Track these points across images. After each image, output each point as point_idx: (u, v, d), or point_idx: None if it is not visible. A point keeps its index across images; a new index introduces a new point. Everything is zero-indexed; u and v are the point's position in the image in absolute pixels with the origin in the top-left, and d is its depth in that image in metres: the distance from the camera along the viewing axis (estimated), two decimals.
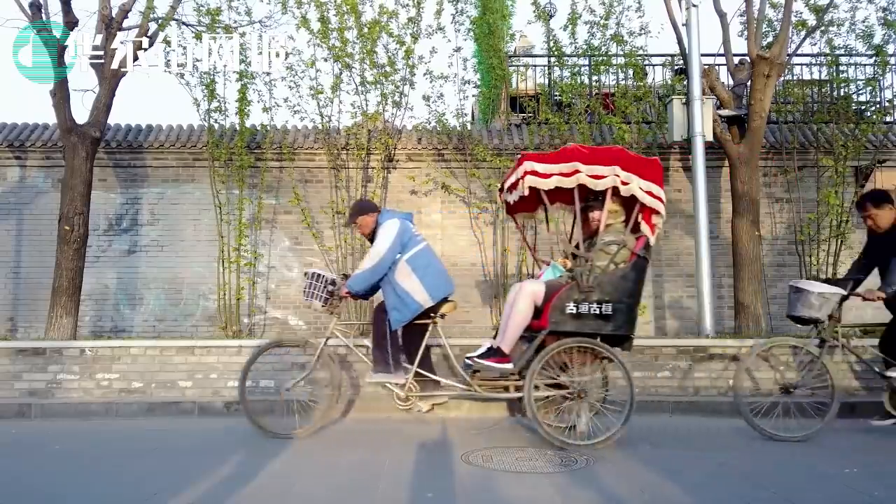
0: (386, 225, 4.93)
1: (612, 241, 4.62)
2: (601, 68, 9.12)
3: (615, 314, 4.52)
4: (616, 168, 4.52)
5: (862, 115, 8.98)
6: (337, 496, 3.58)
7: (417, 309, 4.84)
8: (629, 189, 4.52)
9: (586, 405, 4.68)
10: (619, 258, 4.59)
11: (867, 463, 4.23)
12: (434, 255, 5.12)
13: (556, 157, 4.67)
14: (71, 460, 4.42)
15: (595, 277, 4.51)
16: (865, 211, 5.16)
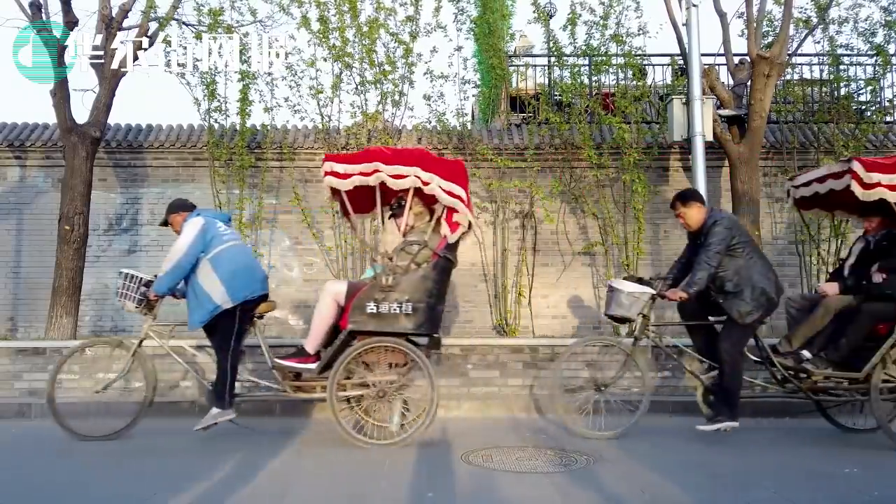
0: (188, 223, 4.87)
1: (413, 241, 4.70)
2: (601, 68, 9.12)
3: (415, 313, 4.57)
4: (416, 169, 4.60)
5: (862, 115, 8.98)
6: (337, 496, 3.58)
7: (215, 310, 4.67)
8: (429, 189, 4.61)
9: (398, 405, 4.71)
10: (421, 258, 4.66)
11: (867, 463, 4.24)
12: (244, 255, 4.98)
13: (357, 158, 4.76)
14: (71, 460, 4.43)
15: (396, 277, 4.56)
16: (675, 210, 5.15)
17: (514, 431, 5.21)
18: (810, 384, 4.80)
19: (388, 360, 4.72)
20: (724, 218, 4.85)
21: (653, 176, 8.96)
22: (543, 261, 8.95)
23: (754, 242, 5.05)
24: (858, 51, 9.17)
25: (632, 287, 4.95)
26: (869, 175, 4.55)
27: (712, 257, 4.68)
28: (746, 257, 4.77)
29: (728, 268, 4.76)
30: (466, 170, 4.99)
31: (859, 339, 4.71)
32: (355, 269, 8.48)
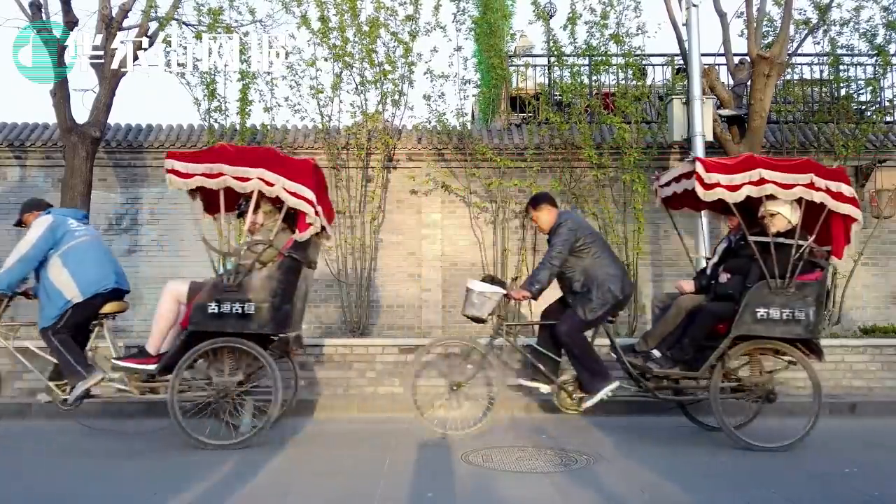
0: (37, 221, 4.85)
1: (258, 240, 4.66)
2: (601, 68, 9.12)
3: (258, 313, 4.51)
4: (261, 170, 4.54)
5: (862, 115, 8.98)
6: (337, 496, 3.58)
7: (65, 305, 4.60)
8: (273, 191, 4.56)
9: (249, 406, 4.69)
10: (266, 257, 4.61)
11: (867, 463, 4.24)
12: (96, 250, 4.89)
13: (200, 157, 4.67)
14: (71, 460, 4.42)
15: (238, 277, 4.52)
16: (528, 214, 5.20)
17: (513, 431, 5.21)
18: (657, 383, 4.80)
19: (233, 361, 4.65)
20: (569, 219, 4.89)
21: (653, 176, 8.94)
22: None
23: (603, 242, 5.08)
24: (858, 51, 9.17)
25: (482, 287, 4.94)
26: (709, 175, 4.56)
27: (554, 258, 4.76)
28: (593, 257, 4.82)
29: (575, 268, 4.84)
30: (317, 169, 4.89)
31: (700, 338, 4.72)
32: (355, 269, 8.49)
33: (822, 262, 4.68)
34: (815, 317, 4.55)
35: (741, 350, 4.65)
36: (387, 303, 9.13)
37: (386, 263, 9.06)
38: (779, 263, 4.50)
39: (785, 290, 4.50)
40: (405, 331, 8.88)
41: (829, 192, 4.50)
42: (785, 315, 4.49)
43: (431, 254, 9.22)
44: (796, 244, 4.51)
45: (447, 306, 8.98)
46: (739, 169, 4.56)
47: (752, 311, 4.50)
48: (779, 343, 4.63)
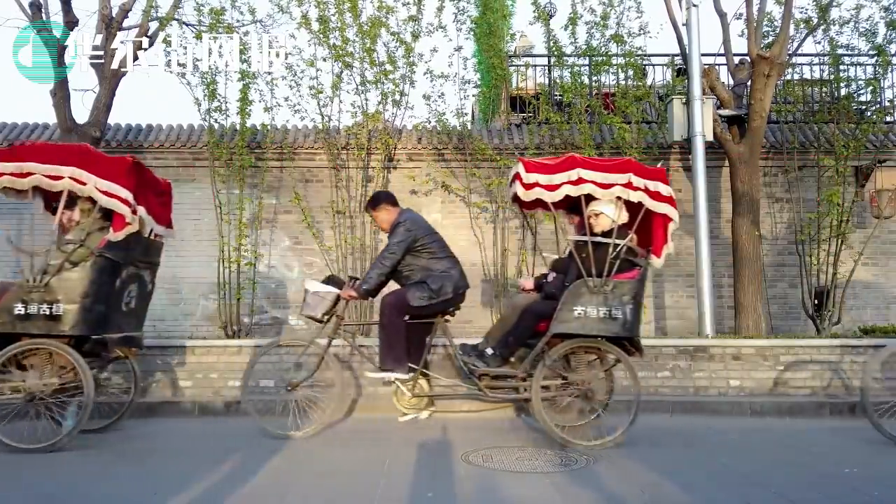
0: None
1: (69, 240, 4.59)
2: (601, 68, 9.12)
3: (67, 314, 4.45)
4: (73, 169, 4.49)
5: (863, 115, 8.98)
6: (337, 496, 3.58)
7: None
8: (85, 190, 4.50)
9: (72, 408, 4.62)
10: (77, 257, 4.54)
11: (867, 463, 4.24)
12: None
13: (6, 155, 4.59)
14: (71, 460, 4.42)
15: (46, 277, 4.45)
16: (369, 214, 5.24)
17: (514, 431, 5.21)
18: (487, 381, 4.78)
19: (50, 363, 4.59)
20: (407, 220, 4.91)
21: None
22: None
23: (441, 242, 5.08)
24: (859, 51, 9.17)
25: (317, 287, 4.98)
26: (528, 175, 4.61)
27: (387, 257, 4.81)
28: (431, 256, 4.86)
29: (413, 267, 4.88)
30: (139, 168, 4.84)
31: (524, 336, 4.74)
32: (355, 269, 8.48)
33: (640, 262, 4.67)
34: (633, 315, 4.56)
35: (563, 348, 4.62)
36: None
37: None
38: (597, 262, 4.53)
39: (602, 288, 4.52)
40: None
41: (647, 192, 4.54)
42: (602, 313, 4.50)
43: None
44: (613, 243, 4.54)
45: None
46: (559, 169, 4.61)
47: (570, 310, 4.51)
48: (598, 341, 4.62)
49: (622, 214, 4.68)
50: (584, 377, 4.70)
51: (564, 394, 4.69)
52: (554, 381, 4.67)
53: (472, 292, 9.08)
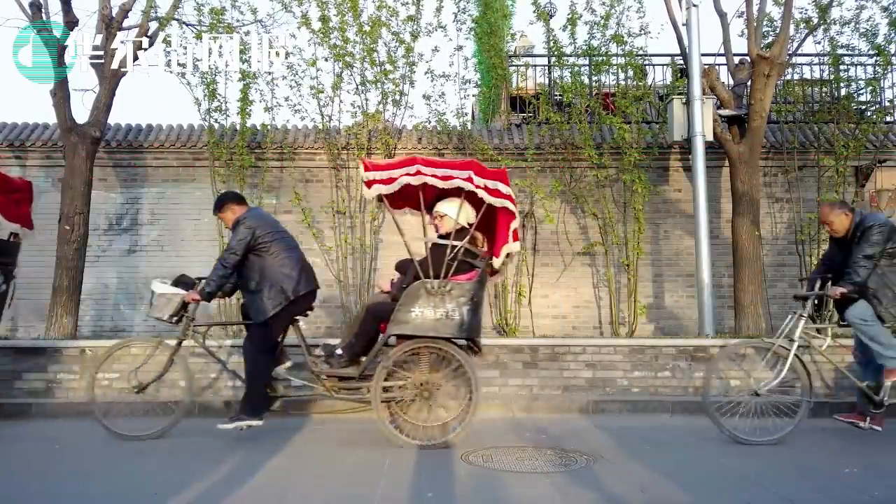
0: None
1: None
2: (601, 68, 9.12)
3: None
4: None
5: (863, 115, 8.98)
6: (337, 496, 3.58)
7: None
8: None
9: None
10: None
11: (867, 463, 4.24)
12: None
13: None
14: (71, 460, 4.42)
15: None
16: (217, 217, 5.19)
17: (514, 431, 5.21)
18: (332, 382, 4.76)
19: None
20: (248, 217, 4.82)
21: (653, 176, 8.96)
22: (543, 261, 8.96)
23: (287, 241, 4.96)
24: (859, 51, 9.17)
25: (163, 289, 4.93)
26: (366, 173, 4.78)
27: (227, 258, 4.71)
28: (271, 255, 4.75)
29: (253, 266, 4.76)
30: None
31: (364, 337, 4.73)
32: (355, 269, 8.48)
33: (477, 263, 4.67)
34: (471, 316, 4.56)
35: (403, 349, 4.61)
36: None
37: (386, 263, 9.05)
38: (434, 264, 4.55)
39: (440, 290, 4.53)
40: None
41: (486, 189, 4.55)
42: (439, 314, 4.51)
43: None
44: (451, 245, 4.56)
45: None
46: (398, 166, 4.70)
47: (407, 311, 4.52)
48: (438, 342, 4.60)
49: (468, 216, 4.71)
50: (428, 378, 4.65)
51: (407, 394, 4.65)
52: (396, 382, 4.65)
53: None
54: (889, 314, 4.77)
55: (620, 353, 6.44)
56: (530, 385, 6.38)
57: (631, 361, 6.40)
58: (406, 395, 4.65)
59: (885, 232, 4.74)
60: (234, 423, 4.66)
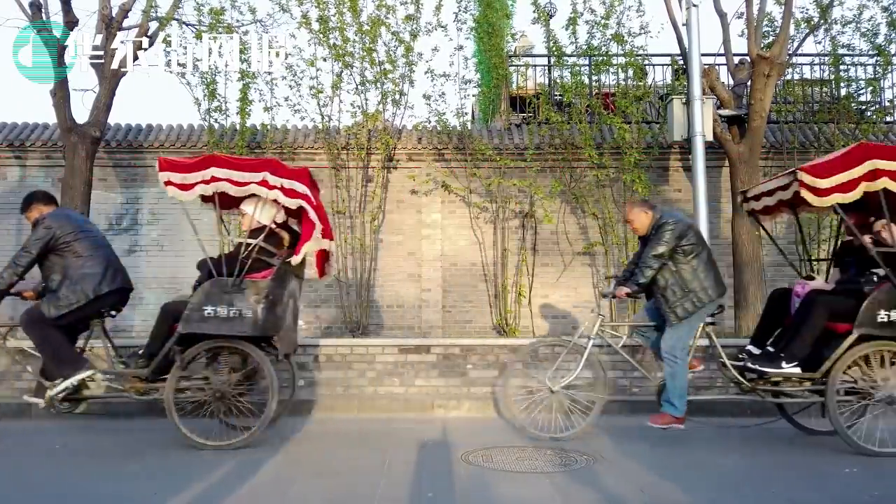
0: None
1: None
2: (601, 68, 9.12)
3: None
4: None
5: (863, 115, 8.97)
6: (337, 496, 3.58)
7: None
8: None
9: None
10: None
11: (867, 463, 4.23)
12: None
13: None
14: (71, 460, 4.42)
15: None
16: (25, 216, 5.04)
17: (514, 431, 5.20)
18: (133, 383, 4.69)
19: None
20: (48, 217, 4.72)
21: (653, 176, 8.96)
22: (543, 261, 8.96)
23: (92, 238, 4.79)
24: (859, 51, 9.17)
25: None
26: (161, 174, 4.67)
27: (22, 256, 4.58)
28: (74, 255, 4.63)
29: (54, 266, 4.65)
30: None
31: (160, 337, 4.68)
32: (355, 269, 8.48)
33: (273, 262, 4.66)
34: (266, 314, 4.53)
35: (198, 349, 4.57)
36: (387, 303, 9.13)
37: (386, 263, 9.07)
38: (228, 262, 4.57)
39: (234, 288, 4.52)
40: (405, 331, 8.87)
41: (282, 190, 4.55)
42: (232, 313, 4.50)
43: (431, 254, 9.22)
44: (245, 243, 4.58)
45: (447, 306, 8.98)
46: (195, 168, 4.62)
47: (199, 310, 4.50)
48: (236, 341, 4.58)
49: (271, 214, 4.71)
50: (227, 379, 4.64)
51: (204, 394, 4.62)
52: (193, 383, 4.62)
53: (472, 293, 9.14)
54: (674, 314, 4.68)
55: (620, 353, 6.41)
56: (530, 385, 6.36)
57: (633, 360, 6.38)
58: (203, 395, 4.61)
59: (676, 230, 4.70)
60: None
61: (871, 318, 4.43)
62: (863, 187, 4.42)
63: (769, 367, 4.65)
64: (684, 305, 4.66)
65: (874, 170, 4.39)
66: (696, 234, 4.86)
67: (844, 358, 4.52)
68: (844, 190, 4.43)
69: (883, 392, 4.55)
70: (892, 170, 4.40)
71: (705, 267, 4.74)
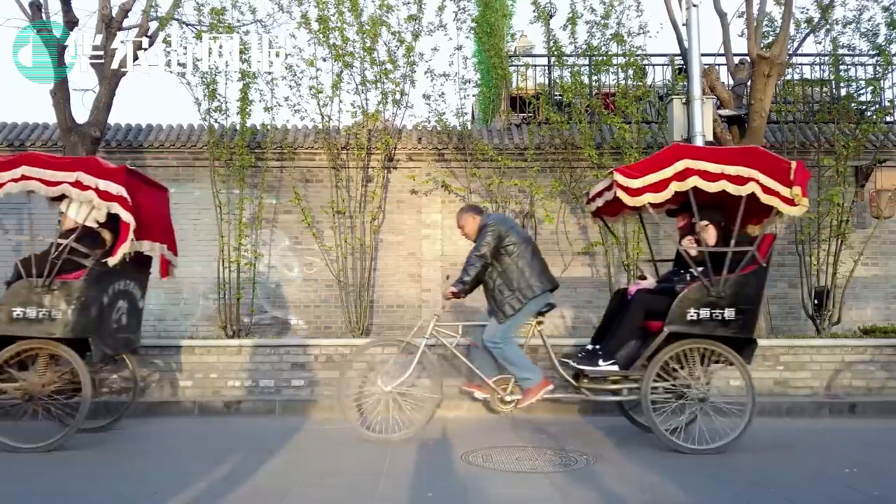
0: None
1: None
2: (601, 68, 9.12)
3: None
4: None
5: (863, 115, 8.97)
6: (337, 496, 3.58)
7: None
8: None
9: None
10: None
11: (867, 463, 4.24)
12: None
13: None
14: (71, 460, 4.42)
15: None
16: None
17: (514, 431, 5.21)
18: None
19: None
20: None
21: None
22: None
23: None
24: (859, 51, 9.16)
25: None
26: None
27: None
28: None
29: None
30: None
31: None
32: (355, 269, 8.48)
33: (87, 262, 4.64)
34: (76, 315, 4.51)
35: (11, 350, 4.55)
36: (387, 303, 9.13)
37: (386, 263, 9.07)
38: (38, 262, 4.55)
39: (44, 289, 4.50)
40: (405, 331, 8.84)
41: (97, 191, 4.55)
42: (41, 314, 4.49)
43: (431, 254, 9.22)
44: (56, 243, 4.57)
45: (447, 307, 8.98)
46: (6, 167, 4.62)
47: (8, 311, 4.50)
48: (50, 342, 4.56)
49: (87, 214, 4.68)
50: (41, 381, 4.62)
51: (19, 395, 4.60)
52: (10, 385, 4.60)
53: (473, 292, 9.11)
54: (502, 312, 4.79)
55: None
56: None
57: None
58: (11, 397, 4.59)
59: (496, 231, 4.83)
60: None
61: (680, 316, 4.48)
62: (674, 186, 4.50)
63: (587, 365, 4.73)
64: (510, 303, 4.82)
65: (685, 169, 4.46)
66: (519, 234, 5.01)
67: (658, 356, 4.57)
68: (656, 190, 4.52)
69: (696, 391, 4.61)
70: (703, 169, 4.46)
71: (530, 264, 4.89)
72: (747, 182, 4.42)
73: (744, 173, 4.42)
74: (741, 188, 4.43)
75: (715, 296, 4.47)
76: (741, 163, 4.45)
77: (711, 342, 4.57)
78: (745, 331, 4.57)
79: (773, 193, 4.41)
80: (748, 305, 4.53)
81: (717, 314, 4.47)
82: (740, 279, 4.49)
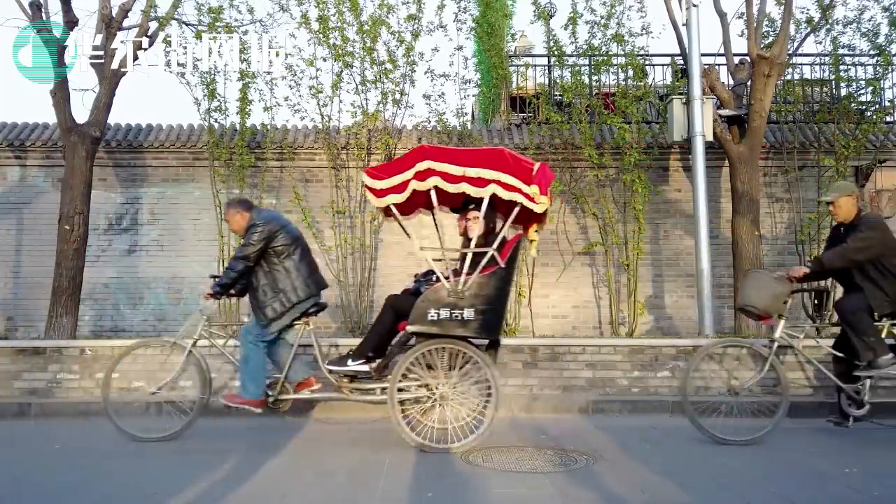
0: None
1: None
2: (602, 68, 9.11)
3: None
4: None
5: (863, 115, 8.97)
6: (337, 496, 3.58)
7: None
8: None
9: None
10: None
11: (867, 463, 4.24)
12: None
13: None
14: (71, 460, 4.43)
15: None
16: None
17: (514, 431, 5.20)
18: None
19: None
20: None
21: (653, 176, 8.96)
22: (543, 261, 8.95)
23: None
24: (860, 51, 9.16)
25: None
26: None
27: None
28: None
29: None
30: None
31: None
32: (355, 269, 8.48)
33: None
34: None
35: None
36: None
37: (386, 263, 9.06)
38: None
39: None
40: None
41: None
42: None
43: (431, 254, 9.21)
44: None
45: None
46: None
47: None
48: None
49: None
50: None
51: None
52: None
53: None
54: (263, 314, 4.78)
55: (620, 353, 6.44)
56: (530, 385, 6.38)
57: (630, 361, 6.40)
58: None
59: (265, 231, 4.75)
60: None
61: (422, 315, 4.47)
62: (412, 186, 4.52)
63: (335, 365, 4.74)
64: (273, 306, 4.78)
65: (427, 170, 4.47)
66: (290, 234, 4.91)
67: (406, 356, 4.56)
68: (398, 191, 4.56)
69: (440, 390, 4.59)
70: (444, 171, 4.48)
71: (297, 267, 4.84)
72: (489, 184, 4.42)
73: (486, 175, 4.43)
74: (481, 190, 4.43)
75: (454, 296, 4.47)
76: (485, 165, 4.46)
77: (456, 342, 4.55)
78: (487, 331, 4.56)
79: (516, 191, 4.42)
80: (487, 306, 4.51)
81: (457, 314, 4.46)
82: (480, 280, 4.50)
